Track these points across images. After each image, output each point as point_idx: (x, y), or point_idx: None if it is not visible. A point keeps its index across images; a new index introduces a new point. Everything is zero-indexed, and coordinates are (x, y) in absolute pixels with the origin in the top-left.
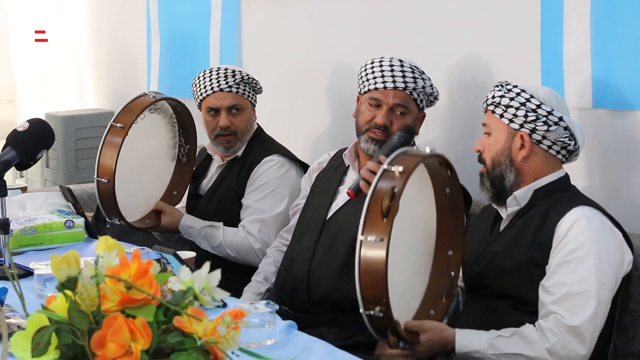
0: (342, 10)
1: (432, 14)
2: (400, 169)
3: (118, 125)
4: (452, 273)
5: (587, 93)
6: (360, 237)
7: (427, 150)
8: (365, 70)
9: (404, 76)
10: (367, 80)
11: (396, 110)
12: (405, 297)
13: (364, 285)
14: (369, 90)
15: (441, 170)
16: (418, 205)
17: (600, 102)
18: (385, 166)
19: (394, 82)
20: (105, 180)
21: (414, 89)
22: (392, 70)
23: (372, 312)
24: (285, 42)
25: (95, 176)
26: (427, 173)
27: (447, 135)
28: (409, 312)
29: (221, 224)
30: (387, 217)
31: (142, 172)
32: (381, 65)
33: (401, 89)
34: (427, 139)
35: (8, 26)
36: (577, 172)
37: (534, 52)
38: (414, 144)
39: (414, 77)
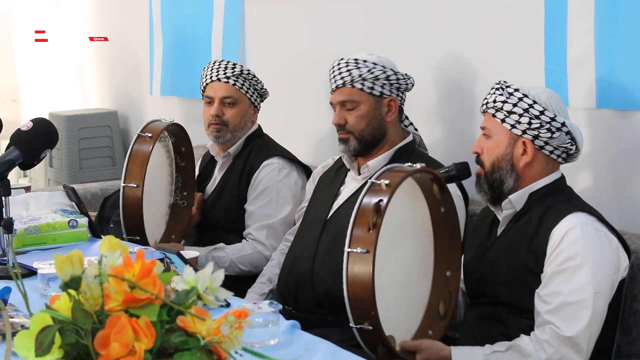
0: (345, 9)
1: (437, 14)
2: (387, 182)
3: (146, 134)
4: (450, 294)
5: (591, 93)
6: (347, 249)
7: (417, 166)
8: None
9: (340, 73)
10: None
11: (346, 106)
12: (400, 314)
13: (352, 297)
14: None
15: (433, 187)
16: (413, 224)
17: (604, 102)
18: (372, 180)
19: (335, 81)
20: (134, 185)
21: (353, 80)
22: (333, 72)
23: (361, 326)
24: (289, 42)
25: (122, 183)
26: (422, 192)
27: (449, 136)
28: (408, 331)
29: (222, 244)
30: (374, 229)
31: (149, 202)
32: (331, 69)
33: (341, 85)
34: (434, 139)
35: (11, 26)
36: (581, 173)
37: (537, 52)
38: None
39: (349, 70)
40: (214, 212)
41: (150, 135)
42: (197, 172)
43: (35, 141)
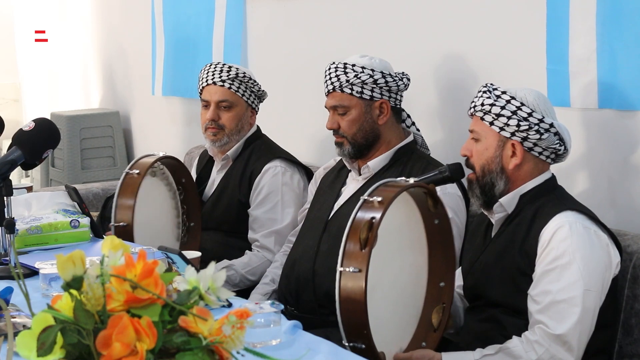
0: (347, 11)
1: (438, 14)
2: (379, 199)
3: (134, 172)
4: (444, 304)
5: (592, 93)
6: (339, 268)
7: (411, 180)
8: None
9: (330, 78)
10: None
11: (338, 111)
12: (394, 329)
13: (345, 316)
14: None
15: (428, 201)
16: (407, 236)
17: (605, 102)
18: (365, 197)
19: (326, 86)
20: (124, 224)
21: (341, 85)
22: (325, 77)
23: (354, 344)
24: (291, 42)
25: (112, 223)
26: (415, 204)
27: (450, 136)
28: (401, 344)
29: (226, 261)
30: (365, 247)
31: (152, 236)
32: (324, 74)
33: (332, 90)
34: (435, 140)
35: (13, 26)
36: (582, 173)
37: (539, 52)
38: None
39: (337, 75)
40: (214, 215)
41: (137, 172)
42: (195, 174)
43: (37, 141)
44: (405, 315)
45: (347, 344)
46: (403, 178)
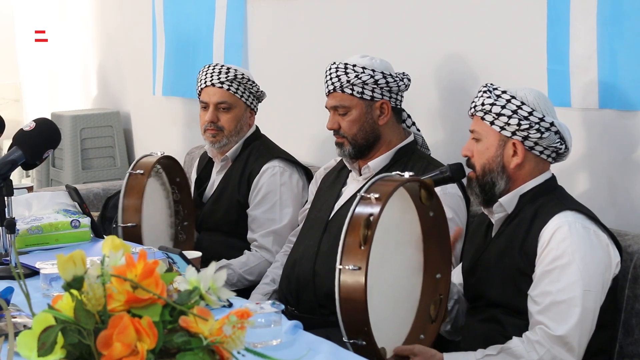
0: (347, 11)
1: (438, 14)
2: (377, 195)
3: (138, 172)
4: (441, 296)
5: (593, 93)
6: (338, 266)
7: (406, 175)
8: None
9: (331, 78)
10: None
11: (338, 111)
12: (393, 323)
13: (345, 314)
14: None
15: (422, 194)
16: (402, 229)
17: (606, 102)
18: (362, 193)
19: (327, 86)
20: (132, 224)
21: (342, 85)
22: (325, 77)
23: (355, 341)
24: (291, 43)
25: (119, 223)
26: (410, 197)
27: (451, 136)
28: (399, 337)
29: (225, 261)
30: (365, 245)
31: (150, 239)
32: (325, 74)
33: (332, 90)
34: (436, 140)
35: (13, 26)
36: (583, 173)
37: (540, 52)
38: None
39: (338, 75)
40: (214, 216)
41: (142, 172)
42: (195, 175)
43: (37, 141)
44: (403, 309)
45: (347, 341)
46: (398, 172)
